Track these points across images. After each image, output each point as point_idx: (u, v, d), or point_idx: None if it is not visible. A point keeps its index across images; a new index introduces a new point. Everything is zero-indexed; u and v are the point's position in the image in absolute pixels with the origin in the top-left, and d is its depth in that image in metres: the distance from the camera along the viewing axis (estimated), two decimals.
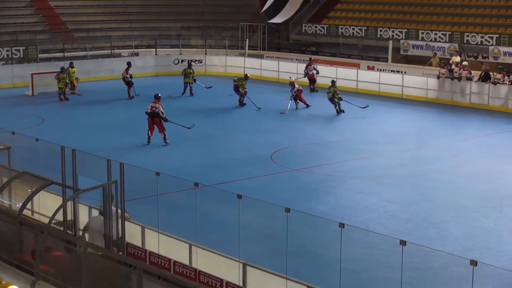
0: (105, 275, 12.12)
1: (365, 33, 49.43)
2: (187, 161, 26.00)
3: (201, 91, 41.64)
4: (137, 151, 26.99)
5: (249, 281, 13.92)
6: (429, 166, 25.98)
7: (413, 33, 46.52)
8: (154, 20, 56.20)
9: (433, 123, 34.47)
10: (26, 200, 14.63)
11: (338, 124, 32.77)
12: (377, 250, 17.52)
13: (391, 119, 34.98)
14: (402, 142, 29.45)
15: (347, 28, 50.44)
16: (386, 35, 47.72)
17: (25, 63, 45.17)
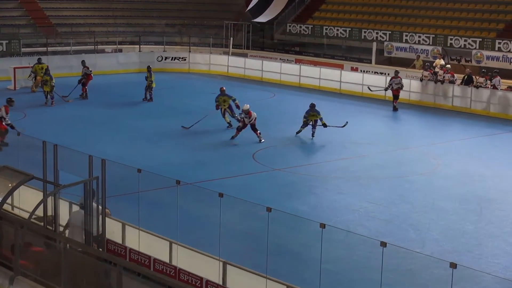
0: (84, 271, 12.07)
1: (349, 34, 49.59)
2: (169, 159, 25.97)
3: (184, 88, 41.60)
4: (118, 147, 26.88)
5: (229, 279, 13.92)
6: (410, 168, 26.08)
7: (397, 35, 46.71)
8: (138, 16, 56.11)
9: (415, 125, 34.62)
10: (6, 195, 14.54)
11: None
12: (357, 250, 17.57)
13: (373, 120, 35.08)
14: (383, 144, 29.56)
15: (331, 29, 50.59)
16: (370, 36, 47.89)
17: (8, 57, 44.94)
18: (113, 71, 46.28)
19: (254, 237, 17.41)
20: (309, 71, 43.85)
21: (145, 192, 16.24)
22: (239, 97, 37.10)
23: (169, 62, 49.13)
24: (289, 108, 37.00)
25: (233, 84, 43.89)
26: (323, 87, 42.40)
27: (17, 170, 14.98)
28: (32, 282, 12.25)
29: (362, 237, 17.18)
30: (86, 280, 12.05)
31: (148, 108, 35.43)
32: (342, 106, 38.13)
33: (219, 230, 13.89)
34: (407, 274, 16.44)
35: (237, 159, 26.36)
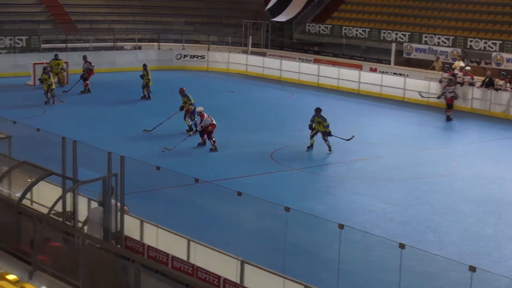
0: (102, 267, 12.11)
1: (369, 35, 49.44)
2: (187, 157, 25.99)
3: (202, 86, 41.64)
4: (137, 144, 26.92)
5: (247, 278, 13.90)
6: (428, 169, 25.97)
7: (417, 36, 46.52)
8: (157, 14, 56.16)
9: (434, 127, 34.43)
10: (26, 190, 14.62)
11: (338, 125, 32.68)
12: (375, 252, 17.51)
13: (391, 121, 34.98)
14: (401, 145, 29.45)
15: (351, 29, 50.46)
16: (389, 37, 47.73)
17: (28, 52, 45.13)
18: (132, 68, 46.31)
19: (271, 236, 17.40)
20: (328, 71, 43.80)
21: (163, 189, 16.27)
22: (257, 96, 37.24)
23: (188, 60, 49.19)
24: (307, 108, 36.80)
25: (251, 83, 44.01)
26: (342, 87, 42.34)
27: (37, 165, 15.04)
28: (50, 277, 12.30)
29: (380, 238, 17.12)
30: (104, 276, 12.08)
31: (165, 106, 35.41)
32: (360, 106, 38.05)
33: (237, 229, 13.89)
34: (425, 276, 16.37)
35: (255, 158, 26.33)
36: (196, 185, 14.82)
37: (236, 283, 13.66)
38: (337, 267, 13.02)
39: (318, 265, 16.74)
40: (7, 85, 39.48)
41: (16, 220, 13.92)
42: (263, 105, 37.07)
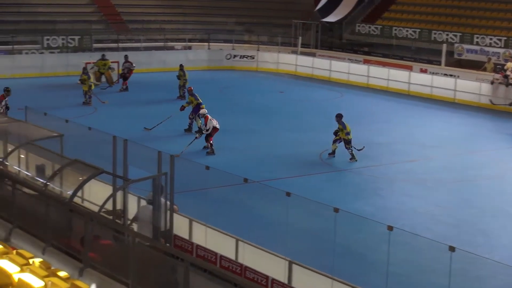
0: (152, 265, 12.22)
1: (419, 35, 49.05)
2: (235, 156, 26.06)
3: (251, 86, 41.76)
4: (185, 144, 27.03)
5: (295, 279, 13.92)
6: (478, 171, 25.72)
7: (468, 37, 46.04)
8: (208, 14, 56.36)
9: (484, 129, 34.03)
10: (77, 188, 14.82)
11: (385, 126, 32.58)
12: (424, 254, 17.40)
13: (441, 122, 34.66)
14: (451, 147, 29.18)
15: (401, 30, 50.11)
16: (440, 38, 47.29)
17: (80, 52, 45.65)
18: None
19: (320, 237, 17.38)
20: (378, 72, 43.60)
21: (212, 189, 16.35)
22: (306, 97, 37.21)
23: (238, 60, 49.33)
24: (356, 108, 36.83)
25: (300, 83, 43.99)
26: (391, 88, 42.10)
27: (88, 164, 15.24)
28: (100, 274, 12.45)
29: (429, 241, 16.99)
30: (153, 274, 12.19)
31: (214, 106, 35.54)
32: (410, 107, 37.80)
33: (285, 229, 13.90)
34: (475, 280, 16.24)
35: (304, 158, 26.31)
36: (245, 185, 14.86)
37: (284, 283, 13.69)
38: (386, 269, 12.96)
39: (366, 267, 16.69)
40: (59, 84, 39.99)
41: (68, 217, 14.12)
42: (312, 106, 37.03)
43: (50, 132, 18.13)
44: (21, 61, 42.54)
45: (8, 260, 10.27)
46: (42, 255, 13.23)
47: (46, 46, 44.97)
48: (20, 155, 17.30)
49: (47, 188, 15.01)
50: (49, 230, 13.74)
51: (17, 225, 14.53)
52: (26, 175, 17.17)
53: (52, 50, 45.31)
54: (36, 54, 45.08)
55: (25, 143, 17.42)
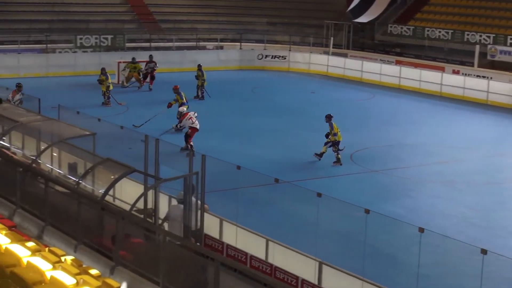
0: (182, 264, 12.27)
1: (452, 36, 48.75)
2: (266, 157, 26.08)
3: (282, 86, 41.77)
4: (216, 143, 27.11)
5: (325, 280, 13.92)
6: (509, 174, 25.55)
7: (501, 38, 45.68)
8: (240, 14, 56.46)
9: None
10: (109, 187, 14.90)
11: (417, 127, 32.42)
12: (454, 257, 17.32)
13: (473, 124, 34.47)
14: (482, 148, 28.98)
15: (433, 31, 49.84)
16: (473, 39, 46.97)
17: (112, 51, 45.93)
18: (214, 68, 46.76)
19: (350, 238, 17.35)
20: (410, 73, 43.45)
21: (243, 188, 16.38)
22: (337, 97, 37.10)
23: (269, 60, 49.37)
24: (388, 109, 36.74)
25: (332, 84, 43.93)
26: (423, 89, 41.91)
27: (120, 162, 15.32)
28: (131, 273, 12.51)
29: (460, 243, 16.90)
30: (184, 273, 12.24)
31: (245, 106, 35.68)
32: (442, 109, 37.62)
33: (316, 230, 13.90)
34: (507, 283, 16.12)
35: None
36: (275, 185, 14.88)
37: (314, 284, 13.70)
38: (416, 271, 12.92)
39: (396, 269, 16.65)
40: (92, 83, 40.16)
41: (99, 216, 14.22)
42: (344, 106, 36.94)
43: (83, 130, 18.27)
44: (54, 60, 42.91)
45: (41, 257, 10.37)
46: (74, 253, 13.33)
47: (79, 45, 45.33)
48: (52, 153, 17.45)
49: (79, 186, 15.12)
50: (81, 228, 13.83)
51: (49, 223, 14.65)
52: (59, 173, 17.32)
53: (85, 49, 45.65)
54: (69, 53, 45.50)
55: (58, 142, 17.57)
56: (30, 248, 10.94)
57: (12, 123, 18.52)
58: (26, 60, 42.24)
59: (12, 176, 16.19)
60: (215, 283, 10.78)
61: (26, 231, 14.56)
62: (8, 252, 10.53)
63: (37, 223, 14.94)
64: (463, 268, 16.34)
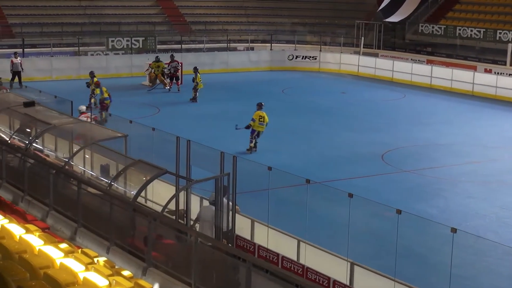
0: (214, 265, 12.31)
1: (484, 35, 48.38)
2: (297, 157, 26.06)
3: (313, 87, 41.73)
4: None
5: (356, 280, 13.89)
6: None
7: None
8: (270, 15, 56.52)
9: None
10: (141, 188, 14.98)
11: (448, 127, 32.22)
12: (487, 257, 17.19)
13: (506, 123, 34.17)
14: None
15: (465, 29, 49.50)
16: (505, 37, 46.55)
17: (144, 53, 46.15)
18: (245, 69, 46.89)
19: (382, 239, 17.29)
20: (441, 72, 43.19)
21: (274, 189, 16.37)
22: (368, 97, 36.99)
23: (300, 61, 49.32)
24: (419, 109, 36.55)
25: (363, 83, 43.79)
26: (455, 89, 41.63)
27: (151, 164, 15.39)
28: (163, 274, 12.57)
29: (493, 243, 16.79)
30: (215, 274, 12.28)
31: (276, 106, 35.63)
32: (474, 108, 37.36)
33: (347, 230, 13.87)
34: None
35: (366, 159, 26.18)
36: (307, 186, 14.84)
37: (346, 285, 13.67)
38: (449, 272, 12.84)
39: (429, 269, 16.55)
40: (123, 85, 40.47)
41: (131, 217, 14.29)
42: (375, 106, 36.84)
43: (115, 132, 18.39)
44: (86, 63, 43.16)
45: (74, 259, 10.43)
46: (106, 254, 13.42)
47: (111, 47, 45.58)
48: (85, 155, 17.58)
49: (111, 188, 15.21)
50: (113, 230, 13.92)
51: (82, 224, 14.77)
52: (91, 175, 17.44)
53: (116, 52, 45.90)
54: (101, 55, 45.75)
55: (90, 144, 17.69)
56: (63, 249, 11.02)
57: (45, 125, 18.68)
58: (58, 63, 42.57)
59: (45, 178, 16.35)
60: (247, 284, 10.80)
61: (59, 232, 14.69)
62: (41, 253, 10.61)
63: (70, 224, 15.06)
64: (497, 268, 16.22)
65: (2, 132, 20.02)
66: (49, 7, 50.14)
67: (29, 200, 16.47)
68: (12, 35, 46.65)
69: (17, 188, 17.13)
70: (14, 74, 38.23)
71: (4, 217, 12.46)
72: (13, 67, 38.40)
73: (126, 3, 52.89)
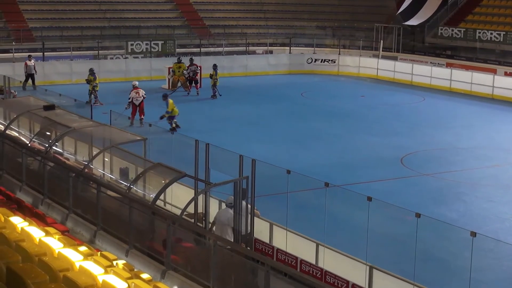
0: (232, 269, 12.32)
1: (504, 38, 48.11)
2: (316, 160, 26.03)
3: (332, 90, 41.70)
4: (266, 147, 27.15)
5: (375, 284, 13.85)
6: None
7: None
8: (289, 18, 56.51)
9: None
10: (160, 191, 15.03)
11: (468, 130, 32.08)
12: (508, 261, 17.11)
13: None
14: None
15: (485, 33, 49.25)
16: None
17: (163, 57, 46.25)
18: (263, 72, 46.89)
19: (401, 243, 17.22)
20: (461, 76, 42.99)
21: (293, 193, 16.37)
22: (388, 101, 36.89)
23: (319, 64, 49.26)
24: (439, 112, 36.41)
25: (382, 87, 43.68)
26: (475, 92, 41.44)
27: (170, 167, 15.43)
28: (182, 277, 12.59)
29: None
30: (234, 277, 12.28)
31: (295, 110, 35.66)
32: (494, 112, 37.17)
33: (366, 234, 13.83)
34: None
35: (385, 163, 26.12)
36: (325, 189, 14.81)
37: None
38: (469, 276, 12.77)
39: (448, 273, 16.48)
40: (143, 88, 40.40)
41: (150, 220, 14.33)
42: (394, 110, 36.74)
43: (134, 135, 18.47)
44: (106, 66, 43.32)
45: (93, 261, 10.46)
46: (125, 257, 13.46)
47: (130, 51, 45.72)
48: (104, 158, 17.65)
49: (130, 191, 15.26)
50: (132, 233, 13.97)
51: (101, 227, 14.82)
52: (110, 178, 17.51)
53: (136, 55, 46.04)
54: (120, 59, 45.91)
55: (110, 147, 17.76)
56: (83, 252, 11.05)
57: (65, 128, 18.78)
58: (78, 67, 42.72)
59: (64, 181, 16.42)
60: (266, 287, 10.80)
61: (79, 235, 14.75)
62: (61, 256, 10.65)
63: (89, 227, 15.13)
64: None
65: (22, 135, 20.14)
66: (69, 11, 50.38)
67: (49, 203, 16.56)
68: (32, 38, 46.88)
69: (37, 191, 17.23)
70: (28, 77, 38.54)
71: (24, 220, 12.52)
72: (27, 69, 38.68)
73: (146, 6, 53.08)
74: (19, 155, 18.21)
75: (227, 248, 12.75)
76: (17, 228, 11.81)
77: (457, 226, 16.52)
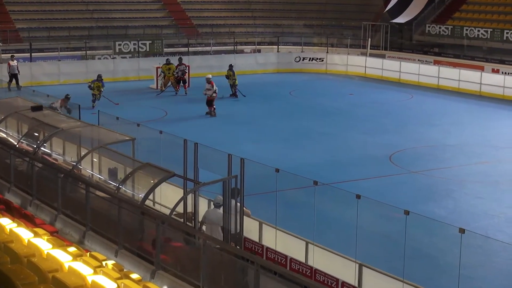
0: (222, 268, 12.31)
1: (491, 35, 48.26)
2: (305, 159, 26.04)
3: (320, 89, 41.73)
4: (255, 147, 27.16)
5: (365, 282, 13.87)
6: None
7: None
8: (277, 17, 56.53)
9: None
10: (149, 191, 15.01)
11: (456, 127, 32.16)
12: (497, 257, 17.16)
13: None
14: None
15: (472, 30, 49.39)
16: None
17: (151, 56, 46.19)
18: (252, 71, 46.86)
19: (390, 240, 17.25)
20: (448, 73, 43.09)
21: (282, 191, 16.36)
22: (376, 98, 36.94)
23: (307, 63, 49.30)
24: (427, 110, 36.49)
25: (370, 85, 43.72)
26: (462, 89, 41.54)
27: (159, 167, 15.42)
28: (171, 277, 12.59)
29: (502, 244, 16.75)
30: (224, 276, 12.28)
31: (284, 109, 35.66)
32: (482, 108, 37.27)
33: (356, 232, 13.85)
34: None
35: (374, 160, 26.16)
36: (315, 188, 14.82)
37: (355, 286, 13.65)
38: (458, 273, 12.80)
39: (438, 270, 16.52)
40: (131, 88, 40.56)
41: (139, 220, 14.31)
42: (382, 107, 36.79)
43: (122, 136, 18.42)
44: (94, 66, 43.19)
45: (82, 262, 10.45)
46: (114, 257, 13.45)
47: (118, 51, 45.63)
48: (93, 158, 17.62)
49: (119, 191, 15.24)
50: (121, 233, 13.95)
51: (90, 228, 14.80)
52: (99, 178, 17.47)
53: (124, 55, 45.95)
54: (108, 59, 45.82)
55: (98, 147, 17.73)
56: (72, 253, 11.04)
57: (53, 129, 18.73)
58: (66, 67, 42.65)
59: (53, 182, 16.38)
60: (255, 286, 10.80)
61: (68, 236, 14.72)
62: (50, 257, 10.63)
63: (78, 228, 15.10)
64: (506, 269, 16.17)
65: (10, 136, 20.09)
66: (56, 12, 50.25)
67: (38, 204, 16.52)
68: (20, 39, 46.76)
69: (26, 192, 17.18)
70: (12, 77, 38.36)
71: (12, 221, 12.50)
72: (10, 69, 38.52)
73: (133, 6, 52.99)
74: (7, 156, 18.16)
75: (217, 247, 12.74)
76: (5, 230, 11.79)
77: (446, 223, 16.53)
